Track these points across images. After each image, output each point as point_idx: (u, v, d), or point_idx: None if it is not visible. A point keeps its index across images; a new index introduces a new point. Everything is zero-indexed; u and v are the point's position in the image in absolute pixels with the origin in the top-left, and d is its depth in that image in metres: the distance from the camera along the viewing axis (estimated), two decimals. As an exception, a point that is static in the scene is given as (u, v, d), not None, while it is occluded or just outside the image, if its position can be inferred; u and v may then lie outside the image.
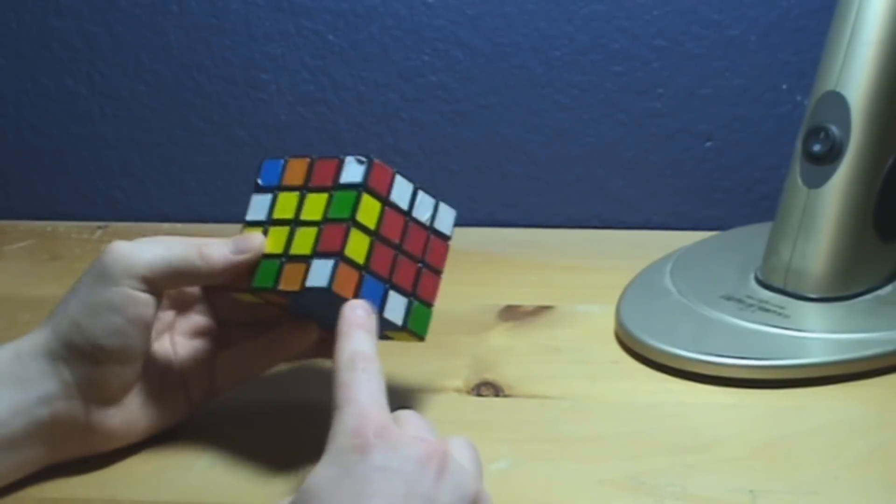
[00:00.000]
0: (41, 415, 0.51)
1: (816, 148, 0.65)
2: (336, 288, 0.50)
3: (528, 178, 0.86)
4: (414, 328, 0.54)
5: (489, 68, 0.84)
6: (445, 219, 0.55)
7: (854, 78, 0.64)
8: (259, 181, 0.56)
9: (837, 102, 0.64)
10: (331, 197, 0.52)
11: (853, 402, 0.59)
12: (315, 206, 0.53)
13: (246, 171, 0.88)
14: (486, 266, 0.78)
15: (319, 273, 0.50)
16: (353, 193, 0.51)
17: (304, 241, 0.52)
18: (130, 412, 0.54)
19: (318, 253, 0.51)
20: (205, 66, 0.86)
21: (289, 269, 0.52)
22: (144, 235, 0.54)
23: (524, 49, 0.83)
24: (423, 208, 0.54)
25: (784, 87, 0.82)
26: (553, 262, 0.79)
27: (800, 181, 0.66)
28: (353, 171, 0.52)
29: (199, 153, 0.88)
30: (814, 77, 0.66)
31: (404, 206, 0.53)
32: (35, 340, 0.52)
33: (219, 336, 0.57)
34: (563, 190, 0.86)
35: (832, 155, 0.65)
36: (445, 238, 0.56)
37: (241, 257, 0.52)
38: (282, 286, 0.51)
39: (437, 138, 0.86)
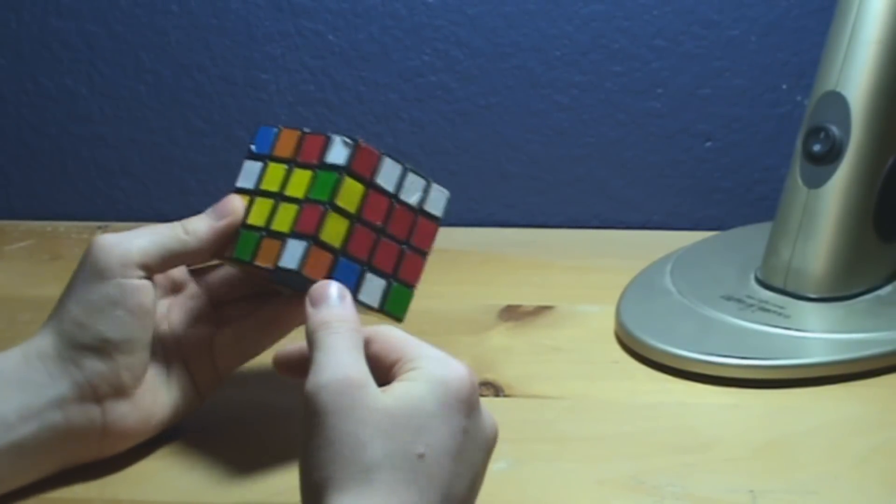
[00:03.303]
0: (55, 419, 0.51)
1: (816, 148, 0.65)
2: (306, 271, 0.50)
3: (528, 178, 0.86)
4: (391, 310, 0.53)
5: (489, 68, 0.84)
6: (437, 200, 0.55)
7: (854, 78, 0.64)
8: (252, 147, 0.56)
9: (837, 102, 0.64)
10: (314, 175, 0.52)
11: (853, 402, 0.59)
12: (299, 182, 0.52)
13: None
14: (486, 266, 0.78)
15: (292, 254, 0.51)
16: (333, 175, 0.51)
17: (284, 217, 0.52)
18: (143, 407, 0.53)
19: (294, 233, 0.51)
20: (205, 66, 0.86)
21: (266, 244, 0.52)
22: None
23: (524, 49, 0.83)
24: (412, 190, 0.54)
25: (784, 87, 0.82)
26: (553, 262, 0.79)
27: (800, 181, 0.66)
28: (337, 152, 0.52)
29: (199, 153, 0.88)
30: (814, 77, 0.66)
31: (390, 188, 0.53)
32: (40, 343, 0.51)
33: (215, 316, 0.56)
34: (563, 190, 0.86)
35: (832, 155, 0.65)
36: (435, 219, 0.55)
37: (222, 223, 0.53)
38: (257, 261, 0.52)
39: (437, 138, 0.86)
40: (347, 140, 0.52)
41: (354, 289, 0.52)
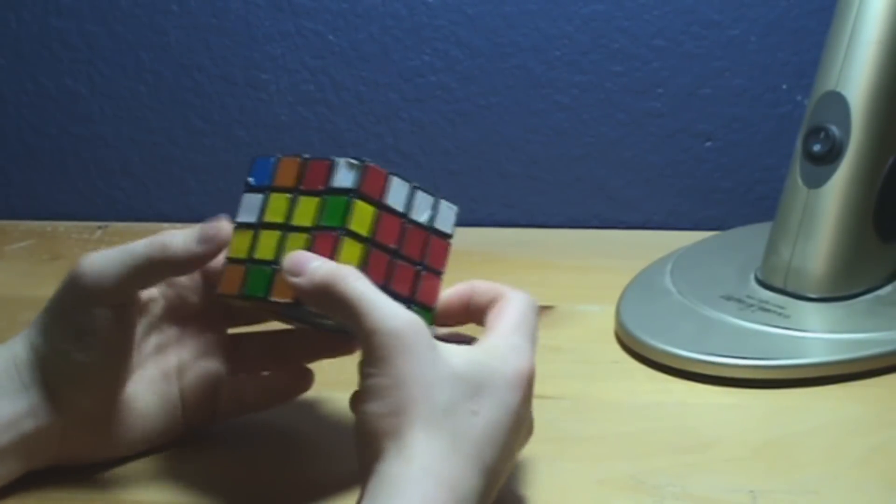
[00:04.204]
0: (27, 427, 0.51)
1: (816, 148, 0.65)
2: None
3: (528, 178, 0.86)
4: None
5: (489, 68, 0.84)
6: (446, 217, 0.53)
7: (854, 78, 0.64)
8: (250, 180, 0.53)
9: (837, 102, 0.64)
10: (322, 202, 0.50)
11: (853, 402, 0.59)
12: (306, 210, 0.50)
13: (246, 171, 0.88)
14: (486, 266, 0.78)
15: None
16: (343, 200, 0.49)
17: (295, 248, 0.49)
18: (110, 426, 0.52)
19: None
20: (205, 66, 0.86)
21: (281, 277, 0.49)
22: (144, 235, 0.53)
23: (524, 49, 0.83)
24: (422, 209, 0.52)
25: (784, 87, 0.82)
26: (553, 262, 0.79)
27: (800, 181, 0.66)
28: (344, 176, 0.50)
29: (199, 153, 0.88)
30: (814, 77, 0.66)
31: (400, 208, 0.51)
32: (16, 349, 0.51)
33: (230, 358, 0.55)
34: (563, 190, 0.86)
35: (832, 155, 0.65)
36: (446, 237, 0.53)
37: (204, 248, 0.50)
38: (274, 296, 0.49)
39: (437, 138, 0.86)
40: (353, 162, 0.49)
41: None
